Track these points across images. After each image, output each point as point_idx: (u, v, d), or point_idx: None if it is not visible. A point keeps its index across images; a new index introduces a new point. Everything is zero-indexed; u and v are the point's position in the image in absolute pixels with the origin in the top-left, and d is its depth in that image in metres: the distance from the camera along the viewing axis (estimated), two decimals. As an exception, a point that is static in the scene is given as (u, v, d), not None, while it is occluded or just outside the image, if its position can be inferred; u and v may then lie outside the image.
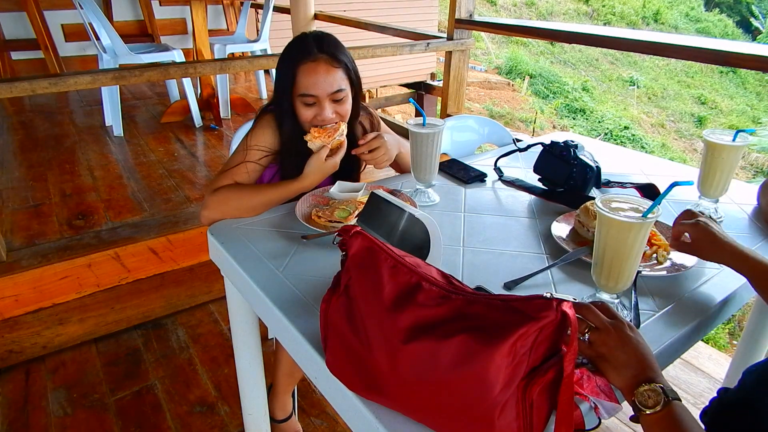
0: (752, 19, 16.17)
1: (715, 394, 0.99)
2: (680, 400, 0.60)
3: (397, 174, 1.49)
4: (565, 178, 1.22)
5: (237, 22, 4.51)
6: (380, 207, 0.87)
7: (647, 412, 0.60)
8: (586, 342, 0.67)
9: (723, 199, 1.20)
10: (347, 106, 1.25)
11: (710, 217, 0.93)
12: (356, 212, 1.12)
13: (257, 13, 5.43)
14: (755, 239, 1.09)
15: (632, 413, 0.62)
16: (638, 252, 0.77)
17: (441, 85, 5.69)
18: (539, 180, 1.30)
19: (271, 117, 1.29)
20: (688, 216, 0.93)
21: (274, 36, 4.12)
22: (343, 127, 1.23)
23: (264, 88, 4.42)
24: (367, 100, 6.97)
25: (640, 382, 0.62)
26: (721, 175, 1.14)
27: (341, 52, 1.23)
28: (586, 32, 2.46)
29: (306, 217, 1.13)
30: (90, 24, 3.25)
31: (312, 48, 1.20)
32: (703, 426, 0.61)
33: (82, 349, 1.94)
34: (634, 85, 13.03)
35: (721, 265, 0.88)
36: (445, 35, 3.09)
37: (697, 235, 0.89)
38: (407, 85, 7.06)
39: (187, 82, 3.40)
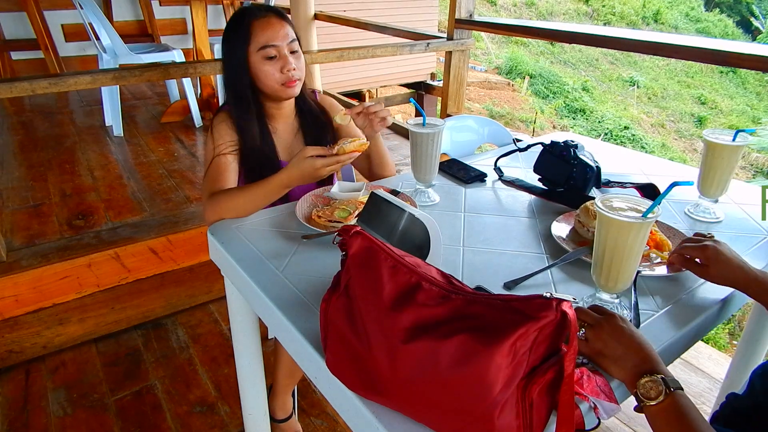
0: (752, 19, 16.17)
1: (724, 399, 0.99)
2: (682, 389, 0.61)
3: (397, 174, 1.49)
4: (565, 178, 1.22)
5: (237, 22, 4.50)
6: (380, 207, 0.87)
7: (650, 403, 0.60)
8: (583, 338, 0.68)
9: (723, 199, 1.20)
10: (303, 62, 1.30)
11: (716, 240, 0.88)
12: (356, 212, 1.12)
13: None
14: (754, 239, 1.10)
15: (636, 404, 0.63)
16: (638, 252, 0.77)
17: (441, 85, 5.70)
18: (539, 180, 1.30)
19: (224, 112, 1.32)
20: (695, 240, 0.89)
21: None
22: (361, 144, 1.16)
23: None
24: (367, 99, 6.97)
25: (641, 373, 0.62)
26: (721, 175, 1.15)
27: (286, 14, 1.30)
28: (586, 32, 2.46)
29: (306, 217, 1.13)
30: (90, 24, 3.24)
31: (259, 7, 1.26)
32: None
33: (82, 349, 1.94)
34: (634, 85, 13.02)
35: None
36: (445, 35, 3.09)
37: (707, 257, 0.84)
38: (407, 85, 7.06)
39: (187, 82, 3.40)
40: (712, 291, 0.91)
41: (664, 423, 0.60)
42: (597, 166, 1.23)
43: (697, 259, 0.86)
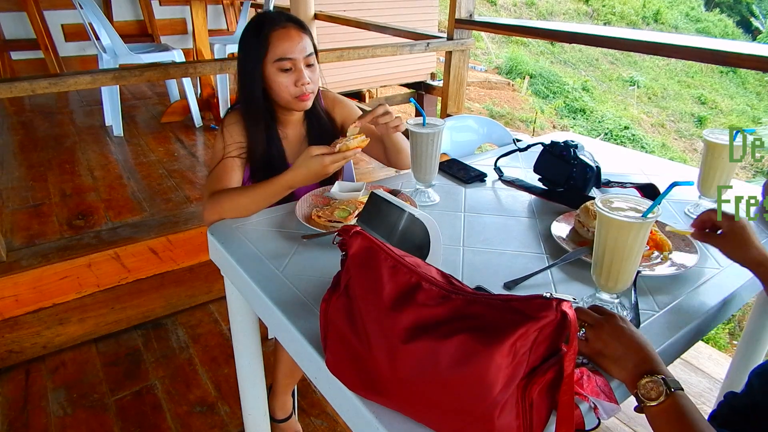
0: (752, 19, 16.16)
1: (722, 399, 0.99)
2: (682, 390, 0.61)
3: (397, 174, 1.49)
4: (565, 178, 1.22)
5: (237, 22, 4.51)
6: (380, 207, 0.87)
7: (650, 404, 0.60)
8: (583, 339, 0.68)
9: (723, 199, 1.20)
10: (317, 74, 1.29)
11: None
12: (356, 212, 1.12)
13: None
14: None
15: (636, 405, 0.63)
16: (638, 252, 0.77)
17: (441, 85, 5.69)
18: (539, 180, 1.30)
19: (235, 114, 1.32)
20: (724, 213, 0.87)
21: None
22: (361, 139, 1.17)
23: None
24: (367, 100, 6.97)
25: (641, 373, 0.62)
26: (721, 175, 1.14)
27: (305, 23, 1.29)
28: (586, 32, 2.46)
29: (306, 217, 1.13)
30: (90, 24, 3.24)
31: (279, 17, 1.25)
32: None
33: (82, 349, 1.94)
34: (634, 85, 13.02)
35: (744, 268, 0.84)
36: (445, 35, 3.09)
37: (732, 229, 0.84)
38: (407, 85, 7.06)
39: (187, 82, 3.40)
40: (712, 291, 0.91)
41: (665, 423, 0.60)
42: (597, 166, 1.23)
43: (719, 230, 0.87)
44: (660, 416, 0.60)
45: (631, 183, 1.27)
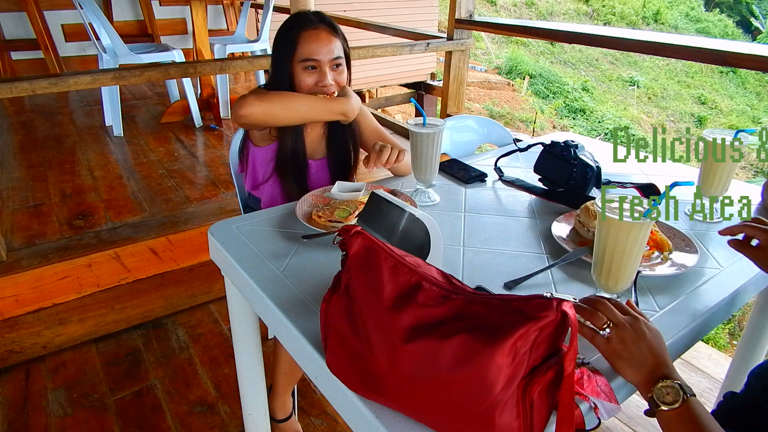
0: (752, 19, 16.17)
1: (721, 399, 0.99)
2: (695, 396, 0.61)
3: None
4: (565, 178, 1.22)
5: (237, 22, 4.50)
6: (380, 207, 0.87)
7: (665, 408, 0.60)
8: (605, 337, 0.67)
9: (723, 199, 1.20)
10: (344, 77, 1.34)
11: None
12: (356, 212, 1.12)
13: (257, 13, 5.43)
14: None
15: (647, 408, 0.62)
16: (638, 252, 0.77)
17: (441, 85, 5.69)
18: (539, 180, 1.30)
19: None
20: (762, 222, 0.85)
21: (274, 36, 4.12)
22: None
23: (264, 88, 4.41)
24: (367, 100, 6.97)
25: (656, 378, 0.62)
26: (721, 175, 1.14)
27: (338, 27, 1.34)
28: (586, 32, 2.46)
29: (306, 217, 1.13)
30: (90, 24, 3.25)
31: (312, 18, 1.30)
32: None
33: (82, 349, 1.94)
34: (634, 85, 13.03)
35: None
36: (445, 35, 3.09)
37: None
38: (407, 85, 7.06)
39: (187, 82, 3.40)
40: (712, 291, 0.91)
41: (679, 428, 0.60)
42: (597, 166, 1.23)
43: (756, 241, 0.84)
44: (675, 420, 0.60)
45: (631, 183, 1.27)
